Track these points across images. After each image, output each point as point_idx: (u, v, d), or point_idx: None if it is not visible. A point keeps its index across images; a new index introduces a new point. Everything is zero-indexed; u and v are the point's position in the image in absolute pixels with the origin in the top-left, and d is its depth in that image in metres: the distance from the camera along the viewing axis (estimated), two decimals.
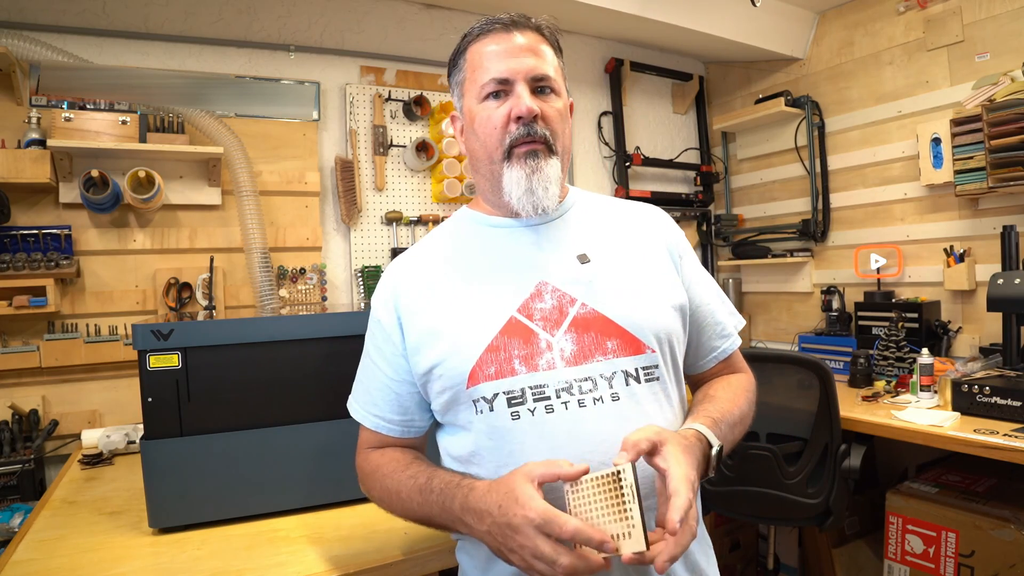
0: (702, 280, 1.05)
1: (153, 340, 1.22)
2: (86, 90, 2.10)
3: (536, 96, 0.93)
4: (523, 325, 0.91)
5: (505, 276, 0.95)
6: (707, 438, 0.87)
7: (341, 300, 2.56)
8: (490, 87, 0.93)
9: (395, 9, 2.65)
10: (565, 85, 1.00)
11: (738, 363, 1.09)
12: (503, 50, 0.93)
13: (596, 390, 0.88)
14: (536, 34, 0.97)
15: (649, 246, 1.01)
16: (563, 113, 0.96)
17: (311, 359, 1.33)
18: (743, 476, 1.96)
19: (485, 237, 1.00)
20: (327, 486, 1.34)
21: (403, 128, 2.67)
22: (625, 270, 0.97)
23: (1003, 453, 1.65)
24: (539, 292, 0.93)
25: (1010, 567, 1.80)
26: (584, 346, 0.90)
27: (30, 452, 1.86)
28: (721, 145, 3.48)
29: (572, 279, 0.94)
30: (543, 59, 0.95)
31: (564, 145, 0.97)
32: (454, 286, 0.96)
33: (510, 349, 0.90)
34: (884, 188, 2.77)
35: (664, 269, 1.00)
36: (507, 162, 0.93)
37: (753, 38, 2.92)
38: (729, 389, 1.02)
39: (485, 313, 0.92)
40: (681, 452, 0.79)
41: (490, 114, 0.93)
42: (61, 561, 1.14)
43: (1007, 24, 2.34)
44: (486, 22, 0.96)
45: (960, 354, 2.47)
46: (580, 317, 0.91)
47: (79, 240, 2.09)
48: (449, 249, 1.02)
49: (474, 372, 0.90)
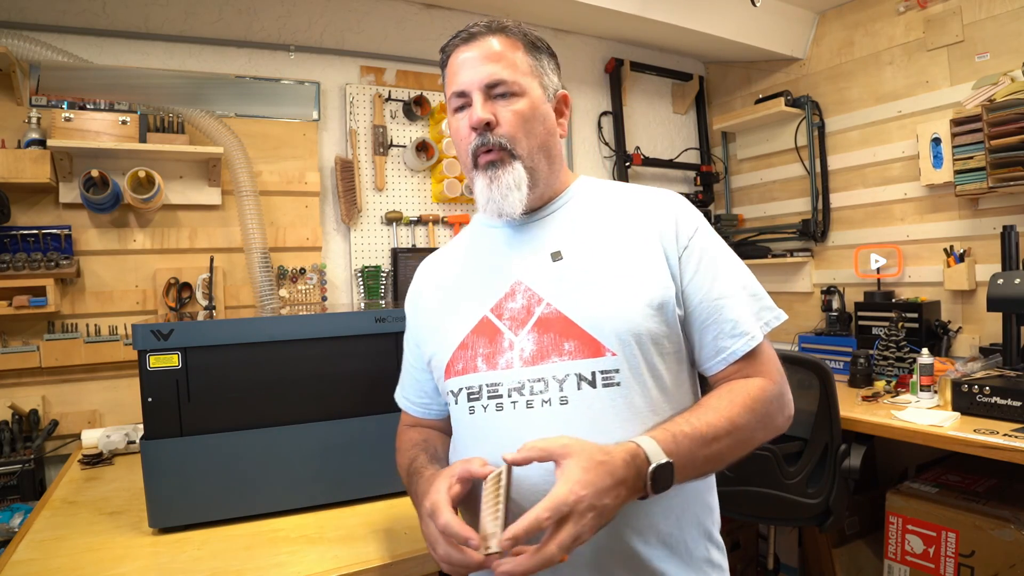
0: (714, 272, 0.94)
1: (153, 340, 1.22)
2: (86, 90, 2.10)
3: (493, 102, 0.94)
4: (492, 324, 0.94)
5: (488, 276, 0.99)
6: (644, 455, 0.79)
7: (341, 300, 2.56)
8: (455, 101, 0.98)
9: (395, 9, 2.65)
10: (541, 80, 0.98)
11: (759, 367, 0.94)
12: (461, 62, 0.97)
13: (546, 392, 0.88)
14: (501, 37, 0.97)
15: (636, 238, 0.94)
16: (525, 114, 0.95)
17: (311, 359, 1.34)
18: (743, 476, 1.96)
19: (482, 238, 1.05)
20: (327, 486, 1.34)
21: (403, 128, 2.67)
22: (597, 266, 0.93)
23: (1003, 453, 1.65)
24: (512, 292, 0.95)
25: (1010, 567, 1.80)
26: (543, 347, 0.90)
27: (30, 452, 1.86)
28: (721, 145, 3.48)
29: (543, 278, 0.94)
30: (500, 63, 0.95)
31: (532, 145, 0.96)
32: (452, 285, 1.03)
33: (476, 347, 0.94)
34: (884, 188, 2.77)
35: (648, 262, 0.92)
36: (475, 170, 0.96)
37: (753, 38, 2.92)
38: (725, 398, 0.89)
39: (464, 312, 0.97)
40: (581, 470, 0.74)
41: (458, 126, 0.98)
42: (61, 561, 1.14)
43: (1007, 24, 2.34)
44: (453, 36, 1.00)
45: (960, 354, 2.47)
46: (543, 317, 0.91)
47: (79, 240, 2.09)
48: (461, 249, 1.09)
49: (448, 367, 0.97)
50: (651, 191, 1.01)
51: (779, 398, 0.93)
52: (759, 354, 0.94)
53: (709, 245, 0.96)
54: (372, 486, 1.38)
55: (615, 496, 0.76)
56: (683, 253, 0.93)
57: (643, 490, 0.79)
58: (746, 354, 0.92)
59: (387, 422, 1.37)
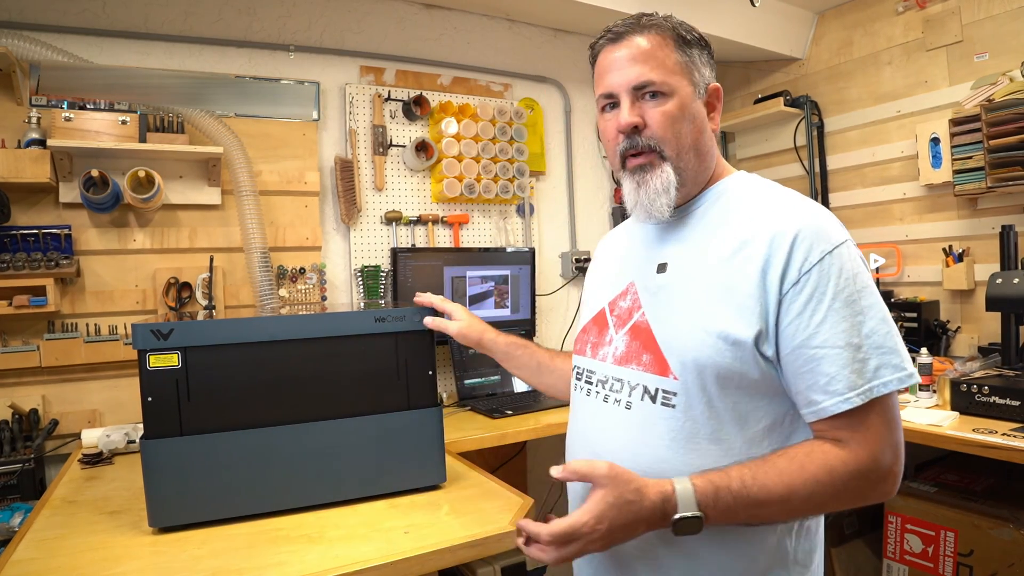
0: (823, 316, 0.83)
1: (153, 340, 1.22)
2: (86, 90, 2.10)
3: (642, 103, 0.94)
4: (604, 318, 1.05)
5: (617, 269, 1.09)
6: (676, 501, 0.80)
7: (341, 300, 2.56)
8: (603, 102, 0.99)
9: (395, 9, 2.65)
10: (690, 77, 0.95)
11: (855, 433, 0.82)
12: (609, 63, 0.96)
13: (620, 393, 0.96)
14: (649, 34, 0.95)
15: (741, 263, 0.88)
16: (674, 114, 0.93)
17: (311, 359, 1.34)
18: None
19: (632, 228, 1.13)
20: (327, 486, 1.34)
21: (403, 128, 2.67)
22: (691, 287, 0.92)
23: (1002, 452, 1.66)
24: (626, 292, 1.03)
25: (1009, 566, 1.80)
26: (630, 351, 0.97)
27: (30, 452, 1.86)
28: (720, 145, 3.48)
29: (647, 286, 0.99)
30: (648, 64, 0.93)
31: (682, 145, 0.94)
32: (597, 269, 1.18)
33: (591, 334, 1.06)
34: (883, 188, 2.77)
35: (740, 293, 0.87)
36: (623, 171, 0.98)
37: (752, 38, 2.92)
38: (797, 460, 0.82)
39: (594, 299, 1.10)
40: (607, 505, 0.79)
41: (605, 127, 0.99)
42: (61, 561, 1.14)
43: (1006, 24, 2.35)
44: (601, 34, 0.99)
45: (959, 353, 2.48)
46: (636, 324, 0.97)
47: (79, 240, 2.09)
48: (619, 232, 1.19)
49: (577, 338, 1.12)
50: (787, 204, 0.92)
51: (870, 474, 0.82)
52: (859, 417, 0.82)
53: (831, 280, 0.84)
54: (372, 486, 1.38)
55: (632, 531, 0.81)
56: (790, 290, 0.85)
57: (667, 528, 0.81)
58: (842, 414, 0.82)
59: (387, 422, 1.38)
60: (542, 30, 3.00)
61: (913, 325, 2.45)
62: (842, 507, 0.86)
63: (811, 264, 0.84)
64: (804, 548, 0.92)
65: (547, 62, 3.03)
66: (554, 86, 3.06)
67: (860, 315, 0.83)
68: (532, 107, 2.97)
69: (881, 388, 0.82)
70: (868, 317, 0.83)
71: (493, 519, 1.26)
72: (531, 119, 2.95)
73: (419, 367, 1.41)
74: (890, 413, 0.85)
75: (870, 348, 0.82)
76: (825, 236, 0.86)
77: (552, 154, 3.07)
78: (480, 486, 1.46)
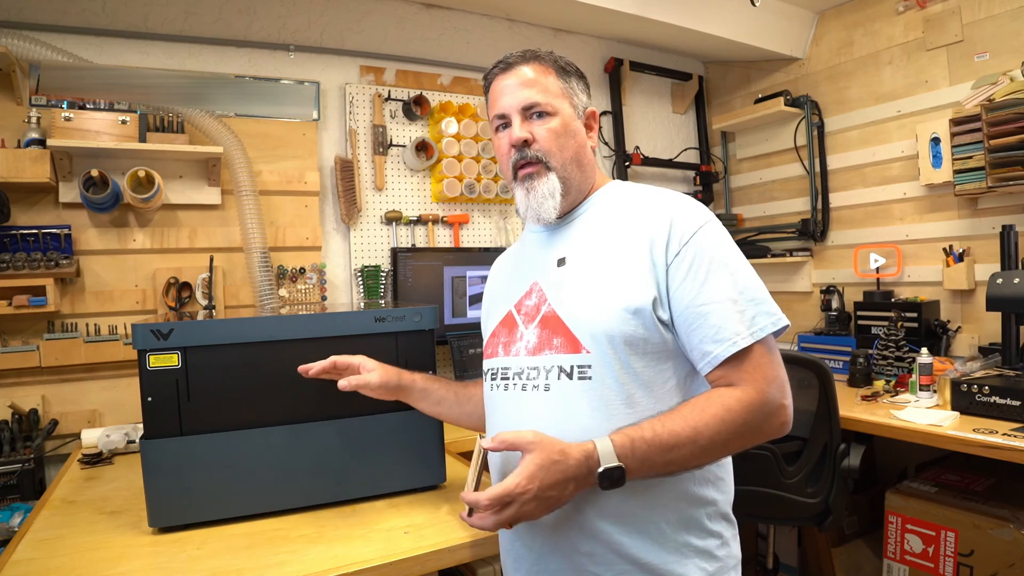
0: (704, 278, 0.97)
1: (153, 339, 1.22)
2: (86, 90, 2.10)
3: (530, 121, 1.09)
4: (513, 318, 1.12)
5: (518, 275, 1.17)
6: (597, 456, 0.90)
7: (341, 300, 2.56)
8: (496, 122, 1.13)
9: (395, 9, 2.65)
10: (571, 100, 1.12)
11: (744, 373, 0.95)
12: (501, 88, 1.11)
13: (537, 379, 1.03)
14: (534, 64, 1.11)
15: (628, 245, 1.03)
16: (558, 131, 1.08)
17: (311, 359, 1.33)
18: (742, 476, 1.95)
19: (526, 240, 1.23)
20: (327, 486, 1.34)
21: (403, 128, 2.67)
22: (589, 273, 1.05)
23: (1002, 452, 1.66)
24: (530, 291, 1.12)
25: (1009, 566, 1.80)
26: (541, 340, 1.05)
27: (30, 452, 1.86)
28: (720, 145, 3.48)
29: (550, 281, 1.09)
30: (535, 87, 1.09)
31: (565, 158, 1.09)
32: (496, 280, 1.26)
33: (500, 336, 1.13)
34: (883, 188, 2.77)
35: (634, 269, 1.00)
36: (515, 182, 1.11)
37: (752, 38, 2.92)
38: (698, 406, 0.94)
39: (500, 306, 1.17)
40: (535, 466, 0.89)
41: (499, 143, 1.13)
42: (61, 561, 1.14)
43: (1006, 24, 2.35)
44: (493, 66, 1.15)
45: (959, 353, 2.48)
46: (545, 316, 1.07)
47: (79, 240, 2.09)
48: (514, 248, 1.29)
49: (484, 349, 1.18)
50: (658, 196, 1.07)
51: (762, 407, 0.94)
52: (745, 360, 0.95)
53: (705, 250, 0.98)
54: (372, 486, 1.38)
55: (562, 489, 0.90)
56: (673, 260, 0.99)
57: (594, 485, 0.90)
58: (731, 359, 0.94)
59: (387, 422, 1.38)
60: (542, 30, 3.00)
61: (913, 325, 2.45)
62: (745, 444, 0.95)
63: (687, 237, 0.99)
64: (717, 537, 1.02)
65: None
66: None
67: (733, 275, 0.98)
68: None
69: (760, 332, 0.96)
70: (740, 276, 0.99)
71: None
72: None
73: (419, 367, 1.41)
74: (772, 354, 0.98)
75: (746, 301, 0.97)
76: (695, 216, 1.02)
77: None
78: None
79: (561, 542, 0.99)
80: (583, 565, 0.98)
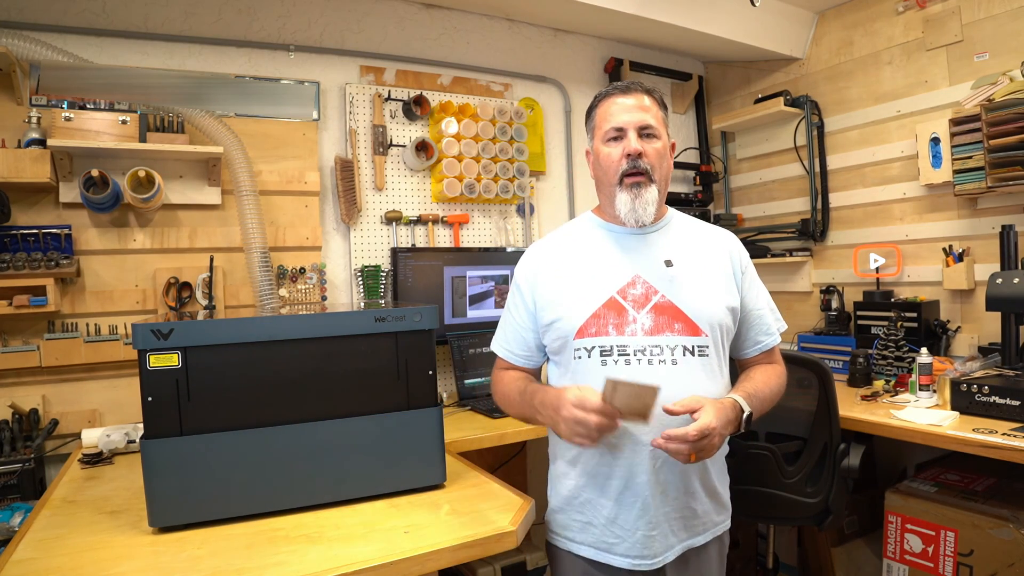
0: (757, 290, 1.42)
1: (153, 339, 1.22)
2: (86, 90, 2.10)
3: (641, 139, 1.30)
4: (618, 303, 1.29)
5: (611, 266, 1.34)
6: (740, 405, 1.24)
7: (341, 300, 2.56)
8: (611, 133, 1.33)
9: (395, 9, 2.65)
10: (667, 131, 1.37)
11: (776, 356, 1.45)
12: (620, 107, 1.33)
13: (662, 355, 1.26)
14: (644, 94, 1.34)
15: (719, 260, 1.37)
16: (661, 152, 1.33)
17: (311, 359, 1.34)
18: (742, 475, 1.96)
19: (601, 236, 1.39)
20: (327, 486, 1.35)
21: (403, 128, 2.67)
22: (697, 275, 1.33)
23: (1002, 452, 1.66)
24: (633, 282, 1.31)
25: (1009, 566, 1.80)
26: (659, 324, 1.28)
27: (30, 451, 1.86)
28: (720, 145, 3.48)
29: (658, 276, 1.32)
30: (648, 113, 1.32)
31: (662, 175, 1.34)
32: (573, 267, 1.36)
33: (607, 318, 1.28)
34: (883, 188, 2.77)
35: (726, 278, 1.36)
36: (620, 187, 1.31)
37: (752, 38, 2.92)
38: (765, 374, 1.38)
39: (594, 290, 1.31)
40: (713, 413, 1.16)
41: (610, 151, 1.33)
42: (61, 560, 1.14)
43: (1006, 24, 2.35)
44: (610, 87, 1.37)
45: (959, 353, 2.48)
46: (659, 304, 1.29)
47: (79, 240, 2.09)
48: (574, 240, 1.41)
49: (581, 330, 1.29)
50: (717, 228, 1.45)
51: (785, 374, 1.44)
52: (776, 348, 1.46)
53: (753, 270, 1.44)
54: (372, 486, 1.38)
55: (727, 429, 1.20)
56: (743, 276, 1.39)
57: (739, 429, 1.23)
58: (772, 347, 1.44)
59: (387, 422, 1.38)
60: (542, 30, 3.00)
61: (913, 325, 2.45)
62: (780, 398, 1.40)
63: (746, 260, 1.43)
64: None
65: (547, 62, 3.03)
66: (554, 86, 3.07)
67: (764, 290, 1.45)
68: (532, 107, 2.97)
69: (781, 330, 1.45)
70: (765, 291, 1.45)
71: (493, 519, 1.26)
72: (531, 119, 2.95)
73: (419, 367, 1.41)
74: None
75: (772, 308, 1.45)
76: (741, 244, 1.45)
77: (552, 154, 3.07)
78: (480, 486, 1.47)
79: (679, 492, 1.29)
80: (687, 503, 1.31)
